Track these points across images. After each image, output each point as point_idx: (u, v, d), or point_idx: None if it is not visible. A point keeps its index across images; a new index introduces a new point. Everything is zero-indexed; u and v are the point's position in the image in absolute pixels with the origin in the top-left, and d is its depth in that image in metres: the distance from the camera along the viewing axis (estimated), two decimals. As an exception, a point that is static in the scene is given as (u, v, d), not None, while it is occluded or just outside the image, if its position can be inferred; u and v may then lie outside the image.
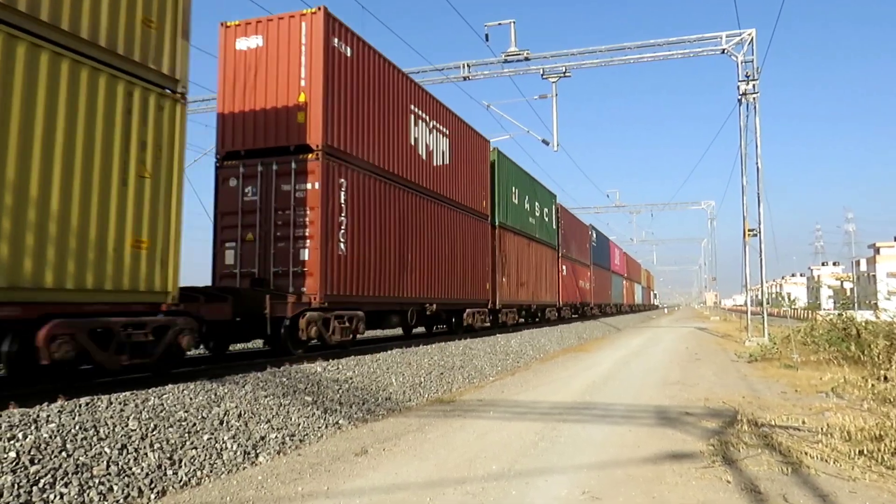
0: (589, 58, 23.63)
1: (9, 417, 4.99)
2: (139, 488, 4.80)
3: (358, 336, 11.99)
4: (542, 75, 24.36)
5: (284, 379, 7.98)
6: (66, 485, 4.47)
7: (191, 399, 6.40)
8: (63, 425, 5.08)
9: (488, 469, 5.65)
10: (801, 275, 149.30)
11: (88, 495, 4.49)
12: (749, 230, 21.83)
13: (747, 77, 21.53)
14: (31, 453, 4.61)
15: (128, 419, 5.56)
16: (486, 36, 23.58)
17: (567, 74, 24.09)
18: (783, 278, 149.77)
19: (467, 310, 17.90)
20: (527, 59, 23.80)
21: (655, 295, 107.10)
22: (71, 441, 4.93)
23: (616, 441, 6.76)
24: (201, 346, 10.37)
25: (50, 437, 4.87)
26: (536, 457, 6.09)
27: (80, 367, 7.39)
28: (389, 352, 11.57)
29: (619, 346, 21.43)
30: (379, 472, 5.55)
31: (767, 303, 25.85)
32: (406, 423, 7.69)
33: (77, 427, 5.12)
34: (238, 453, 5.83)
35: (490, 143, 20.64)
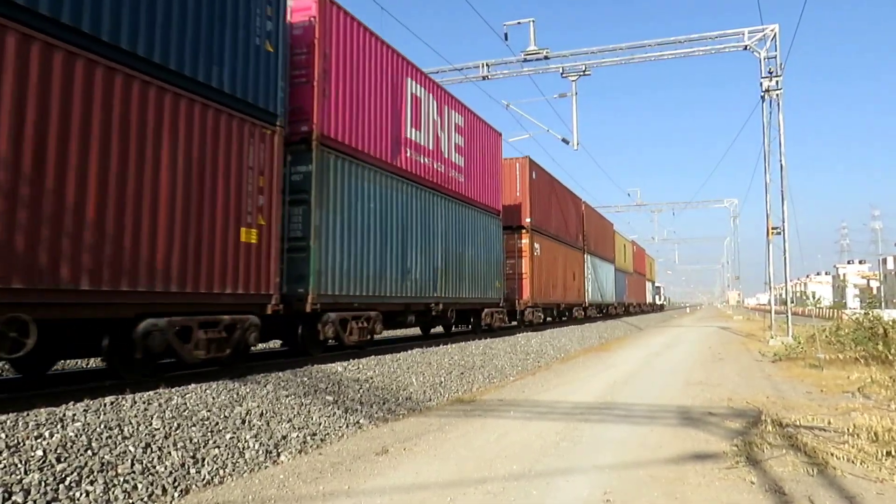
0: (609, 56, 23.48)
1: (36, 416, 5.08)
2: (163, 486, 4.85)
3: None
4: (561, 74, 24.25)
5: (305, 378, 8.03)
6: (91, 483, 4.53)
7: (213, 398, 6.47)
8: (88, 424, 5.15)
9: (509, 469, 5.64)
10: (826, 273, 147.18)
11: (113, 493, 4.55)
12: (773, 228, 21.54)
13: (770, 73, 21.24)
14: (58, 451, 4.69)
15: (151, 418, 5.63)
16: (506, 35, 23.53)
17: (587, 73, 23.95)
18: (808, 277, 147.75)
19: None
20: (546, 57, 23.70)
21: (658, 289, 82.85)
22: (96, 440, 5.00)
23: (638, 441, 6.70)
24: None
25: (76, 435, 4.94)
26: (557, 457, 6.06)
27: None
28: (409, 351, 11.60)
29: (640, 346, 21.27)
30: (399, 472, 5.56)
31: (792, 302, 25.49)
32: (426, 423, 7.70)
33: (102, 426, 5.20)
34: (260, 452, 5.88)
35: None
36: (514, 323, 21.06)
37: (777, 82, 21.17)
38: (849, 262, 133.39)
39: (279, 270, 9.15)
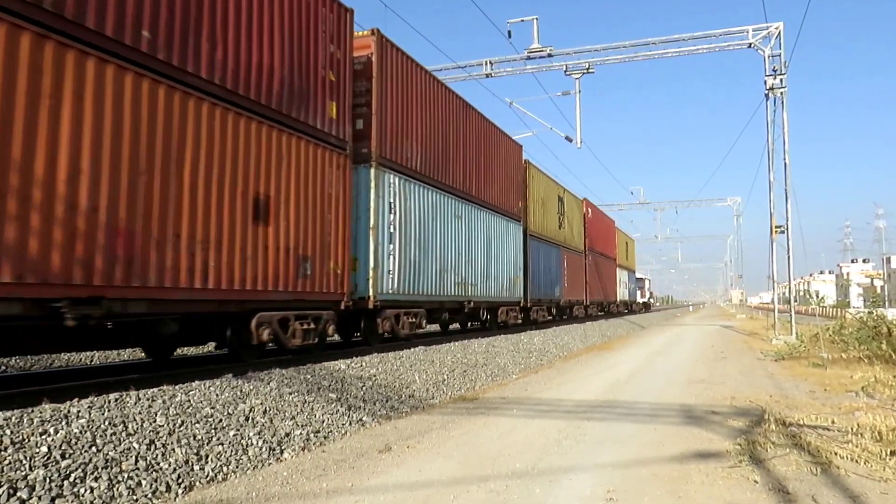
0: (612, 53, 23.45)
1: (40, 413, 5.09)
2: (167, 483, 4.87)
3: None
4: (565, 72, 24.23)
5: (308, 376, 8.04)
6: (95, 479, 4.55)
7: (217, 395, 6.48)
8: (93, 420, 5.17)
9: (512, 467, 5.64)
10: (829, 272, 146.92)
11: (118, 489, 4.57)
12: (776, 227, 21.50)
13: (774, 71, 21.20)
14: (63, 448, 4.70)
15: (155, 415, 5.64)
16: (509, 33, 23.60)
17: (590, 70, 23.93)
18: (811, 275, 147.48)
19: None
20: (550, 55, 23.68)
21: (641, 281, 64.82)
22: (100, 436, 5.01)
23: (641, 440, 6.70)
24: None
25: (80, 432, 4.96)
26: (560, 455, 6.07)
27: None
28: (412, 349, 11.62)
29: (643, 344, 21.26)
30: (403, 469, 5.57)
31: (795, 301, 25.45)
32: (429, 421, 7.70)
33: (106, 422, 5.21)
34: (263, 449, 5.89)
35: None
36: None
37: (781, 80, 21.12)
38: (852, 261, 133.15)
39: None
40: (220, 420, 6.02)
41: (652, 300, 79.73)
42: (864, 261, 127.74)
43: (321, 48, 10.00)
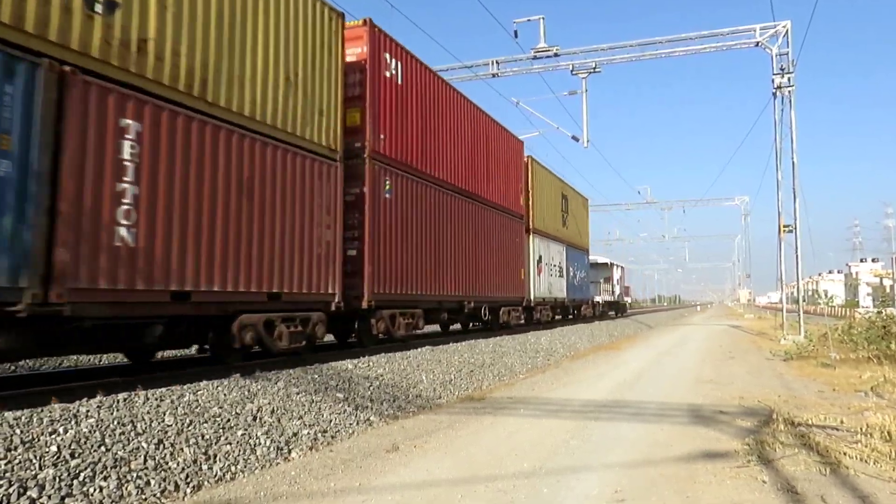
0: (619, 53, 23.40)
1: (50, 412, 5.13)
2: (175, 483, 4.89)
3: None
4: (571, 71, 24.19)
5: (316, 376, 8.06)
6: (105, 479, 4.57)
7: (225, 395, 6.50)
8: (102, 420, 5.20)
9: (519, 467, 5.64)
10: (838, 271, 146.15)
11: (126, 489, 4.59)
12: (784, 226, 21.41)
13: (782, 70, 21.10)
14: (72, 447, 4.73)
15: (164, 414, 5.66)
16: (515, 32, 23.48)
17: (597, 70, 23.88)
18: (819, 275, 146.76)
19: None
20: (556, 55, 23.65)
21: (609, 268, 42.38)
22: (109, 436, 5.04)
23: (648, 440, 6.69)
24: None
25: (89, 431, 4.99)
26: (568, 455, 6.06)
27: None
28: (419, 349, 11.63)
29: (650, 344, 21.20)
30: (410, 469, 5.58)
31: (803, 300, 25.32)
32: (437, 421, 7.71)
33: (115, 422, 5.24)
34: (271, 449, 5.90)
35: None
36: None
37: (789, 79, 21.02)
38: (861, 261, 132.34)
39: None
40: (229, 420, 6.04)
41: (628, 299, 53.02)
42: (873, 260, 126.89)
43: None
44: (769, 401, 8.95)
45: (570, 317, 28.85)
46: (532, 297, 21.06)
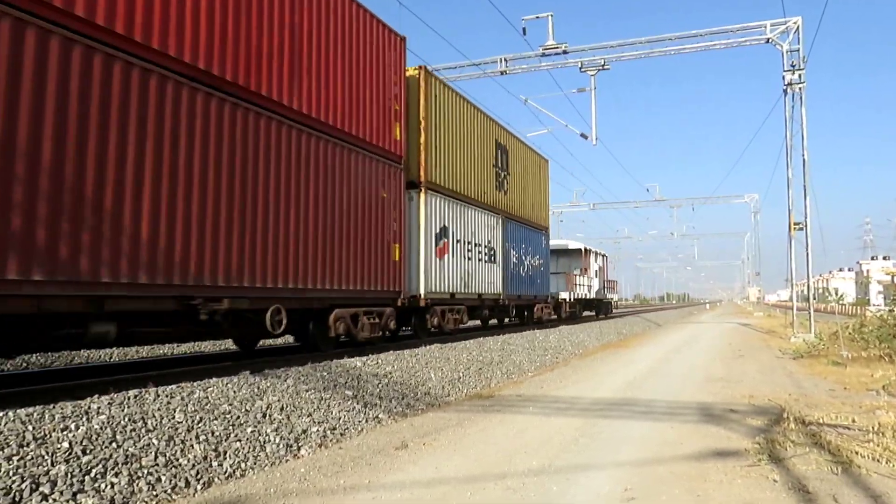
0: (628, 50, 23.30)
1: (62, 409, 5.16)
2: (186, 479, 4.90)
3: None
4: (580, 68, 24.10)
5: (325, 373, 8.08)
6: (116, 475, 4.59)
7: (234, 392, 6.53)
8: (113, 417, 5.22)
9: (528, 464, 5.63)
10: (849, 269, 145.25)
11: (138, 485, 4.61)
12: (795, 224, 21.27)
13: (793, 66, 20.96)
14: (83, 444, 4.76)
15: (174, 411, 5.69)
16: (524, 30, 23.44)
17: (606, 67, 23.78)
18: (830, 273, 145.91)
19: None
20: (565, 52, 23.56)
21: (582, 255, 31.40)
22: (120, 432, 5.07)
23: (658, 438, 6.67)
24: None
25: (101, 428, 5.01)
26: (577, 453, 6.05)
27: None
28: (427, 347, 11.64)
29: (659, 343, 21.13)
30: (419, 466, 5.58)
31: (814, 298, 25.17)
32: (445, 418, 7.71)
33: (126, 419, 5.27)
34: (281, 446, 5.92)
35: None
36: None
37: (800, 76, 20.87)
38: (872, 258, 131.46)
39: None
40: (238, 417, 6.06)
41: (614, 295, 40.38)
42: (884, 258, 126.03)
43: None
44: (780, 399, 8.91)
45: (510, 321, 21.71)
46: (420, 293, 13.58)
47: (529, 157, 22.19)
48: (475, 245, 16.62)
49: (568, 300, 27.10)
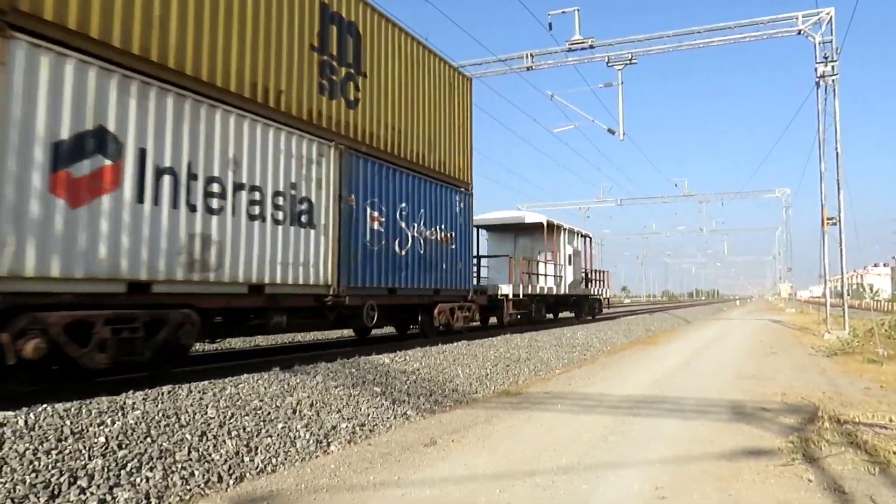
0: (656, 43, 23.00)
1: (97, 404, 5.27)
2: (218, 474, 4.98)
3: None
4: (607, 63, 23.85)
5: (354, 370, 8.13)
6: (151, 469, 4.68)
7: (265, 388, 6.61)
8: (147, 412, 5.32)
9: (557, 462, 5.61)
10: (884, 265, 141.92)
11: (172, 479, 4.69)
12: (828, 219, 20.84)
13: (825, 58, 20.51)
14: (119, 438, 4.86)
15: (206, 407, 5.78)
16: (550, 25, 23.26)
17: (633, 61, 23.51)
18: (864, 269, 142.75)
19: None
20: (592, 46, 23.35)
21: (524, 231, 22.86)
22: (155, 427, 5.16)
23: (689, 436, 6.60)
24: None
25: (136, 423, 5.11)
26: (606, 450, 6.01)
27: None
28: (455, 344, 11.65)
29: (689, 339, 20.89)
30: (448, 463, 5.59)
31: (848, 294, 24.65)
32: (473, 415, 7.71)
33: (160, 414, 5.36)
34: (311, 442, 5.98)
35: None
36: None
37: (833, 67, 20.42)
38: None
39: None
40: (269, 413, 6.13)
41: (606, 290, 28.64)
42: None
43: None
44: (813, 397, 8.75)
45: (364, 334, 15.11)
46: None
47: (423, 62, 13.48)
48: (246, 188, 8.53)
49: (512, 297, 17.90)
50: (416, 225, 12.82)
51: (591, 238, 27.10)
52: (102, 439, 4.78)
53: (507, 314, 17.86)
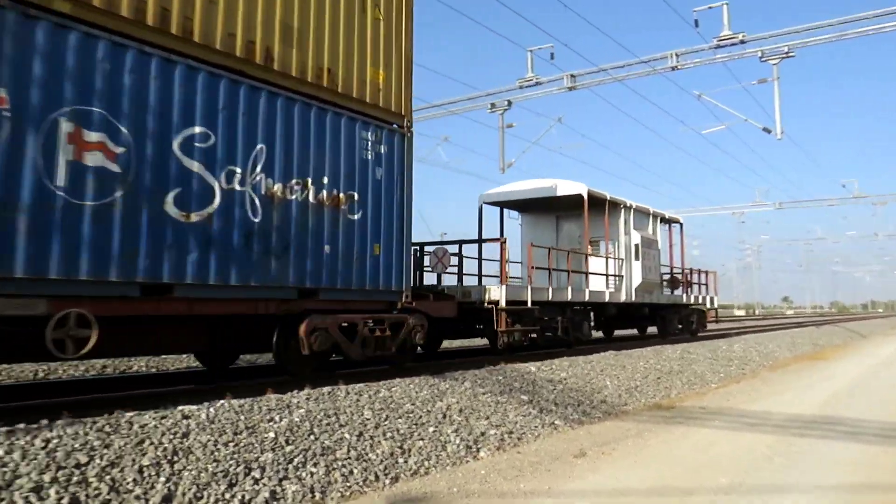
0: (816, 34, 21.17)
1: (267, 402, 5.69)
2: (375, 473, 5.19)
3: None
4: (760, 58, 22.32)
5: (500, 377, 8.18)
6: (314, 465, 4.98)
7: (416, 392, 6.81)
8: (310, 411, 5.67)
9: (716, 482, 5.30)
10: None
11: (333, 476, 4.96)
12: None
13: None
14: (286, 434, 5.21)
15: (363, 408, 6.05)
16: (696, 22, 22.20)
17: (790, 54, 21.85)
18: None
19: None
20: (742, 41, 21.93)
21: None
22: (317, 426, 5.49)
23: (868, 462, 5.98)
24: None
25: (300, 421, 5.46)
26: (771, 472, 5.60)
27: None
28: (602, 354, 11.39)
29: (864, 355, 18.97)
30: (599, 476, 5.46)
31: None
32: (624, 428, 7.48)
33: (322, 413, 5.69)
34: (461, 447, 6.07)
35: None
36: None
37: None
38: None
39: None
40: (420, 416, 6.32)
41: (713, 297, 20.92)
42: None
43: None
44: None
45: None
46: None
47: None
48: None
49: (504, 305, 11.17)
50: (243, 172, 7.12)
51: (681, 224, 20.46)
52: (272, 434, 5.15)
53: (501, 335, 11.12)
